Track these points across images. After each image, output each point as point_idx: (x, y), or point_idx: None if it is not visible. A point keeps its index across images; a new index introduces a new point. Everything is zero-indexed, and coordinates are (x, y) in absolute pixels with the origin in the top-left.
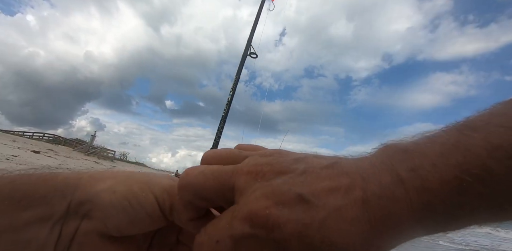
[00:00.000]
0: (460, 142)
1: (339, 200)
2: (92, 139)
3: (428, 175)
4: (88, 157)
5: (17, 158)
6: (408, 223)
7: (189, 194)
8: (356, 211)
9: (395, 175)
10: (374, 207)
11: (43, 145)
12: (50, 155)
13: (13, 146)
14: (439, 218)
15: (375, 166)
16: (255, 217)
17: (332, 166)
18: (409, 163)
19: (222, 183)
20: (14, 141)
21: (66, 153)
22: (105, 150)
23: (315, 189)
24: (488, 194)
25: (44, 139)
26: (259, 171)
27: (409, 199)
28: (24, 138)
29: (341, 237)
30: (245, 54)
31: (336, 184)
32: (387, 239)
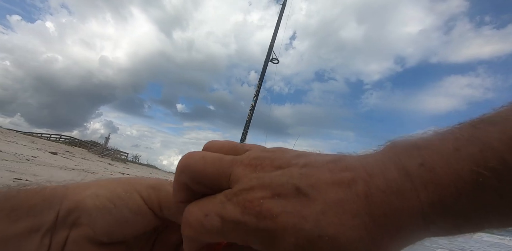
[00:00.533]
0: (475, 136)
1: (340, 193)
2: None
3: (440, 170)
4: (102, 158)
5: (36, 158)
6: (415, 221)
7: (186, 176)
8: (358, 205)
9: (402, 170)
10: (378, 202)
11: (60, 147)
12: (67, 156)
13: (32, 147)
14: (450, 217)
15: (381, 161)
16: (248, 205)
17: (335, 161)
18: (419, 158)
19: (220, 170)
20: (33, 142)
21: (82, 154)
22: (119, 152)
23: (315, 182)
24: (506, 191)
25: (61, 141)
26: (259, 164)
27: (417, 195)
28: (42, 139)
29: (340, 231)
30: (267, 60)
31: (338, 178)
32: (391, 237)
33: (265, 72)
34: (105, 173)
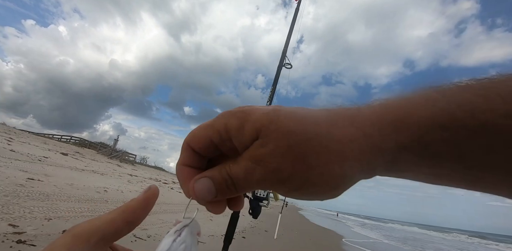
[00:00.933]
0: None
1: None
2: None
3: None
4: (111, 160)
5: (48, 159)
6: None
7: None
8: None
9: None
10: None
11: (70, 148)
12: (77, 157)
13: (44, 147)
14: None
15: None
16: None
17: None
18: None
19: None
20: (45, 143)
21: (91, 155)
22: (127, 153)
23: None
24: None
25: (71, 142)
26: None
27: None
28: (54, 140)
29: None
30: (280, 65)
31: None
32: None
33: (278, 77)
34: (114, 174)
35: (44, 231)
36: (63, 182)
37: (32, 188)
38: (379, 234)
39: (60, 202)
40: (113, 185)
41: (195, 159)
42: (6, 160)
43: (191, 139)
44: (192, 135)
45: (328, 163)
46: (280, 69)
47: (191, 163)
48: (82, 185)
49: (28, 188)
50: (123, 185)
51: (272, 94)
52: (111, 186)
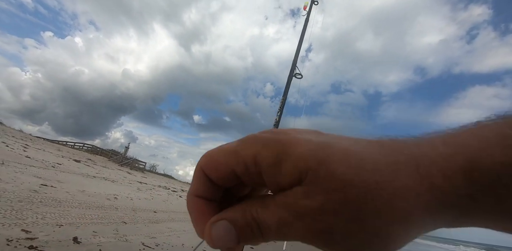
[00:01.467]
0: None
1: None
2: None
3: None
4: (122, 167)
5: (61, 165)
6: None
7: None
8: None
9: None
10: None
11: (83, 155)
12: (89, 164)
13: (58, 154)
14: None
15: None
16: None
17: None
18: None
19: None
20: (59, 150)
21: (103, 162)
22: (137, 161)
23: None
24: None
25: (84, 149)
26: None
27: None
28: (67, 147)
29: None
30: (290, 75)
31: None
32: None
33: (289, 88)
34: (124, 181)
35: (56, 237)
36: (75, 188)
37: (45, 194)
38: None
39: (72, 209)
40: (123, 192)
41: (211, 189)
42: (21, 166)
43: (207, 164)
44: (209, 159)
45: (390, 224)
46: (290, 80)
47: (205, 193)
48: (93, 192)
49: (42, 194)
50: (133, 192)
51: (283, 105)
52: (121, 193)
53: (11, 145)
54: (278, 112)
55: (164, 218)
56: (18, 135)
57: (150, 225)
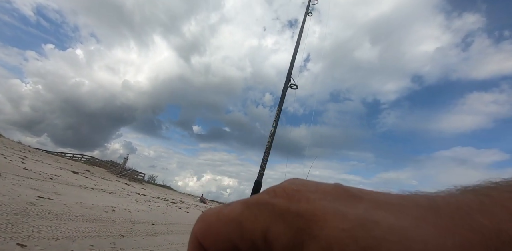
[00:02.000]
0: None
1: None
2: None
3: None
4: (120, 178)
5: (59, 177)
6: None
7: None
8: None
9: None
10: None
11: (81, 166)
12: (87, 176)
13: (56, 166)
14: None
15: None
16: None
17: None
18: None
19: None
20: (57, 161)
21: (101, 174)
22: (136, 172)
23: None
24: None
25: (82, 160)
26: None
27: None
28: (66, 159)
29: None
30: (285, 86)
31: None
32: None
33: (284, 99)
34: (122, 193)
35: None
36: (72, 200)
37: (42, 206)
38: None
39: (69, 222)
40: (121, 204)
41: None
42: (19, 178)
43: (204, 235)
44: (206, 229)
45: None
46: (285, 91)
47: None
48: (91, 204)
49: (38, 207)
50: (131, 204)
51: (278, 116)
52: (120, 205)
53: (9, 156)
54: (274, 124)
55: (162, 230)
56: (17, 146)
57: (148, 238)
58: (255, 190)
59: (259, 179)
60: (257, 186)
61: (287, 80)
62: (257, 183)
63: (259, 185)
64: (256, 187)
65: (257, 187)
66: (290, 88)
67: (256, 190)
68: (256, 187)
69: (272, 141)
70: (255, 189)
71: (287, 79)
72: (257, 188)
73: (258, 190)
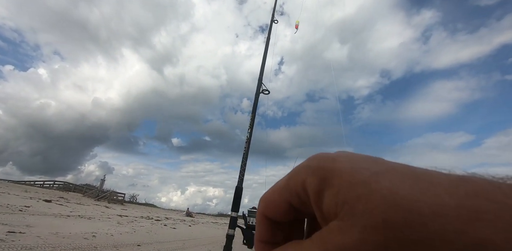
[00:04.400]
0: None
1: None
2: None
3: None
4: (98, 201)
5: (30, 208)
6: None
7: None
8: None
9: None
10: None
11: (54, 193)
12: (61, 203)
13: (25, 196)
14: None
15: None
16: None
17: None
18: None
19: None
20: (26, 191)
21: (77, 199)
22: (115, 193)
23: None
24: None
25: (55, 187)
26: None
27: None
28: (35, 187)
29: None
30: (257, 92)
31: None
32: None
33: (256, 105)
34: (102, 217)
35: None
36: (47, 231)
37: (13, 242)
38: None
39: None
40: (101, 229)
41: (275, 230)
42: None
43: (266, 207)
44: (267, 202)
45: None
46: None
47: (271, 237)
48: (68, 233)
49: (9, 243)
50: (113, 227)
51: (252, 122)
52: (100, 230)
53: None
54: (249, 130)
55: (149, 250)
56: None
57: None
58: (236, 196)
59: (240, 184)
60: (238, 191)
61: (258, 87)
62: (238, 188)
63: (240, 191)
64: (238, 192)
65: (238, 192)
66: (263, 93)
67: (237, 196)
68: (238, 193)
69: (248, 147)
70: (237, 194)
71: (258, 86)
72: (238, 193)
73: (239, 195)
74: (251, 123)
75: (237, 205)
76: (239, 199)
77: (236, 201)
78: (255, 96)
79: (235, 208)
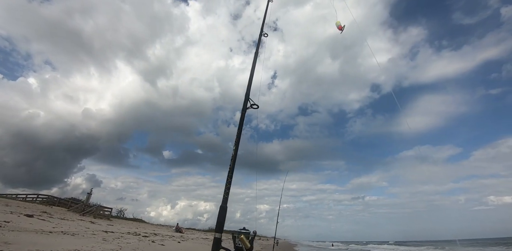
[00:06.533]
0: None
1: None
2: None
3: None
4: (84, 216)
5: (10, 223)
6: None
7: None
8: None
9: None
10: None
11: (37, 207)
12: (44, 218)
13: (6, 210)
14: None
15: None
16: None
17: None
18: None
19: None
20: (7, 205)
21: (61, 214)
22: (102, 208)
23: None
24: None
25: (38, 201)
26: None
27: None
28: (17, 201)
29: None
30: (244, 108)
31: None
32: None
33: (243, 121)
34: (87, 233)
35: None
36: (26, 249)
37: None
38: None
39: None
40: (85, 246)
41: None
42: None
43: None
44: None
45: None
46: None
47: None
48: (49, 250)
49: None
50: (98, 244)
51: (238, 138)
52: (84, 247)
53: None
54: (234, 147)
55: None
56: None
57: None
58: (220, 216)
59: (224, 203)
60: (222, 212)
61: (245, 102)
62: (222, 208)
63: (224, 211)
64: (221, 213)
65: (222, 213)
66: (252, 108)
67: (221, 216)
68: (222, 213)
69: (233, 164)
70: (221, 215)
71: (245, 101)
72: (222, 214)
73: (223, 215)
74: (236, 140)
75: (221, 225)
76: (223, 219)
77: (220, 221)
78: (241, 112)
79: (218, 228)
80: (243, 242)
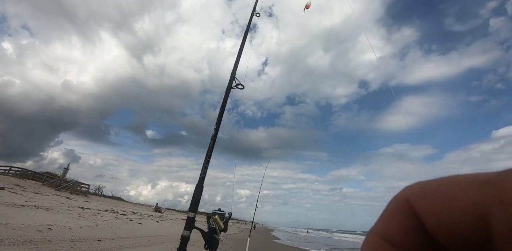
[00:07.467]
0: None
1: None
2: (65, 172)
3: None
4: (59, 192)
5: None
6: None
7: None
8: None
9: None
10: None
11: (9, 180)
12: (16, 191)
13: None
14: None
15: None
16: None
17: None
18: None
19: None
20: None
21: (35, 188)
22: (79, 184)
23: None
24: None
25: (11, 173)
26: None
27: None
28: None
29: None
30: (229, 87)
31: None
32: None
33: (227, 100)
34: (61, 208)
35: None
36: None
37: None
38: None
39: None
40: (59, 221)
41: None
42: None
43: (429, 206)
44: (439, 209)
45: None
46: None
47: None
48: (20, 224)
49: None
50: (73, 220)
51: (220, 118)
52: (57, 222)
53: None
54: (215, 125)
55: (110, 246)
56: None
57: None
58: (195, 195)
59: (200, 182)
60: (198, 191)
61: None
62: (198, 187)
63: (200, 190)
64: (197, 192)
65: (198, 192)
66: (237, 88)
67: (197, 196)
68: (197, 192)
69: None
70: (196, 194)
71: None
72: (198, 193)
73: (199, 194)
74: (218, 119)
75: (195, 205)
76: (198, 198)
77: (196, 201)
78: (226, 90)
79: (193, 208)
80: (217, 223)
